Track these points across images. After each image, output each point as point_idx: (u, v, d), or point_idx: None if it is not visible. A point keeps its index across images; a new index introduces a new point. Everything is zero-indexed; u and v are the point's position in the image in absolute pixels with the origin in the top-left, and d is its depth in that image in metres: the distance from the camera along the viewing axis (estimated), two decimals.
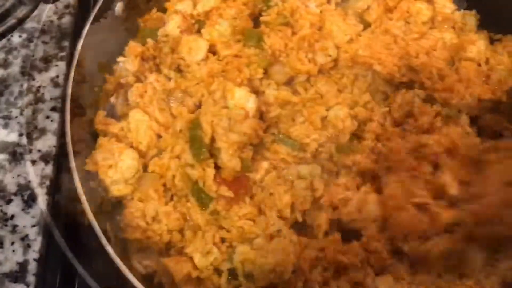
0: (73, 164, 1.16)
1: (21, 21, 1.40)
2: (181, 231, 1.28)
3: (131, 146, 1.31)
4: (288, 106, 1.36)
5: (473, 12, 1.52)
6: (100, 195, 1.27)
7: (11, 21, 1.39)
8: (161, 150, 1.32)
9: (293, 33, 1.44)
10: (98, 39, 1.36)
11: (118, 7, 1.40)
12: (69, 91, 1.24)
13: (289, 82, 1.42)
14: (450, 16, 1.49)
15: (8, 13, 1.41)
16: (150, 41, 1.46)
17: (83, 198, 1.13)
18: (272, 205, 1.24)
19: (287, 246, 1.17)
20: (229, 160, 1.23)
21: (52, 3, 1.36)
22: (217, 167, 1.28)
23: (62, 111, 1.45)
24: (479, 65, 1.43)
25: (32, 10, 1.44)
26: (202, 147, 1.25)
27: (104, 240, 1.10)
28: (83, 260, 1.36)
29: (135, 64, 1.40)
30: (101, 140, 1.30)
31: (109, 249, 1.10)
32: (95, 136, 1.35)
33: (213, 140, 1.26)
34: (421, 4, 1.46)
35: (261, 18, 1.50)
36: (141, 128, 1.31)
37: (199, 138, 1.25)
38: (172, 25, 1.45)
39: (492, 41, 1.48)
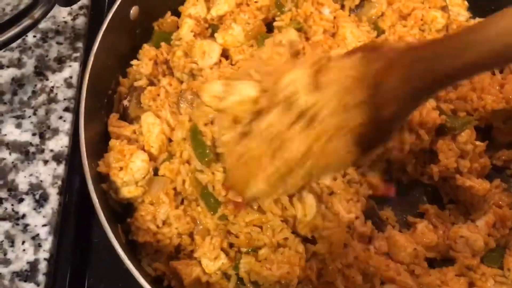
0: (86, 165, 1.16)
1: (36, 22, 1.41)
2: (190, 234, 1.28)
3: (143, 149, 1.31)
4: None
5: None
6: (111, 196, 1.27)
7: (26, 21, 1.39)
8: (172, 155, 1.33)
9: (307, 39, 1.43)
10: (113, 41, 1.36)
11: (133, 10, 1.40)
12: (84, 92, 1.24)
13: None
14: (464, 24, 1.49)
15: (23, 14, 1.41)
16: (164, 45, 1.47)
17: (95, 199, 1.13)
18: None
19: (293, 257, 1.17)
20: None
21: (66, 6, 1.36)
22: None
23: (75, 112, 1.46)
24: (494, 73, 1.42)
25: (47, 12, 1.44)
26: (206, 149, 1.26)
27: (115, 242, 1.10)
28: (94, 261, 1.40)
29: (148, 68, 1.41)
30: (113, 142, 1.31)
31: (120, 251, 1.10)
32: (108, 138, 1.35)
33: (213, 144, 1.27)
34: (435, 11, 1.45)
35: (275, 23, 1.50)
36: (153, 132, 1.32)
37: (201, 142, 1.26)
38: (186, 29, 1.45)
39: None
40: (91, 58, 1.27)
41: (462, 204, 1.38)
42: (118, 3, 1.34)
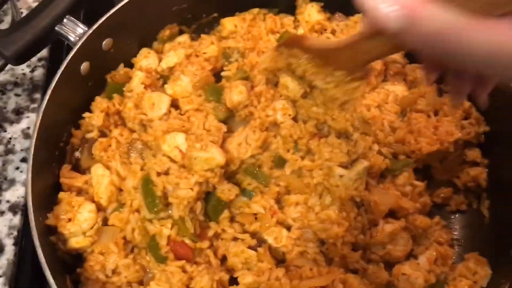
0: (32, 220, 1.20)
1: None
2: (140, 282, 1.32)
3: (92, 201, 1.35)
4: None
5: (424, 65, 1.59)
6: (60, 248, 1.31)
7: None
8: (122, 204, 1.37)
9: (252, 87, 1.50)
10: (64, 95, 1.40)
11: (84, 66, 1.45)
12: (33, 146, 1.28)
13: None
14: (401, 70, 1.57)
15: None
16: (116, 96, 1.52)
17: (41, 253, 1.16)
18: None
19: None
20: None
21: (17, 65, 1.41)
22: None
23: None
24: (429, 116, 1.50)
25: (4, 66, 1.50)
26: (156, 199, 1.30)
27: None
28: None
29: (100, 119, 1.46)
30: (62, 194, 1.35)
31: None
32: (59, 189, 1.39)
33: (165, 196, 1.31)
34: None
35: (222, 73, 1.56)
36: (102, 183, 1.36)
37: (152, 192, 1.30)
38: (136, 81, 1.51)
39: (441, 93, 1.55)
40: (41, 112, 1.31)
41: None
42: (68, 59, 1.39)
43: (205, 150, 1.29)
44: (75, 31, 1.42)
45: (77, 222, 1.29)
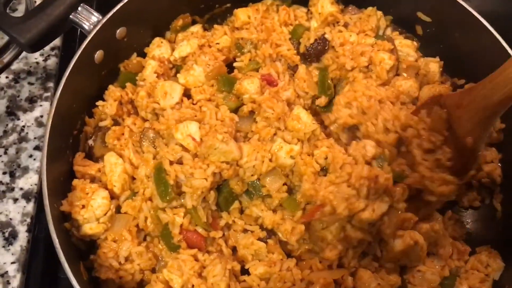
0: (47, 206, 1.21)
1: (6, 66, 1.47)
2: (153, 270, 1.33)
3: (106, 188, 1.36)
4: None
5: (437, 59, 1.59)
6: (74, 234, 1.32)
7: None
8: (135, 192, 1.38)
9: (262, 77, 1.50)
10: (78, 83, 1.41)
11: (98, 54, 1.45)
12: (47, 134, 1.29)
13: None
14: (414, 64, 1.56)
15: None
16: (129, 85, 1.52)
17: (56, 240, 1.17)
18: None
19: None
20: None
21: (33, 52, 1.42)
22: None
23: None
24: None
25: (17, 56, 1.51)
26: (168, 188, 1.30)
27: (74, 281, 1.14)
28: None
29: (113, 108, 1.46)
30: (76, 181, 1.36)
31: None
32: (73, 177, 1.40)
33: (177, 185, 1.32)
34: (383, 54, 1.51)
35: (235, 64, 1.56)
36: (115, 171, 1.37)
37: (164, 180, 1.31)
38: (149, 70, 1.51)
39: (455, 87, 1.55)
40: (55, 101, 1.32)
41: None
42: (82, 47, 1.39)
43: (226, 143, 1.30)
44: (89, 19, 1.42)
45: (90, 208, 1.30)
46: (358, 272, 1.32)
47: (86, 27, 1.42)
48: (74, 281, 1.14)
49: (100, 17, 1.43)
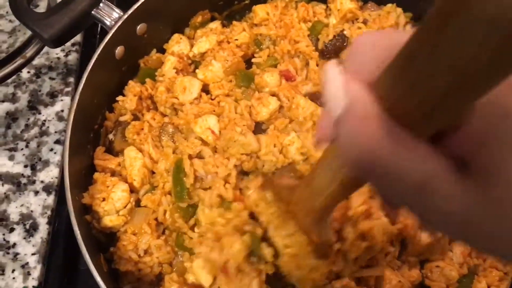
0: (69, 199, 1.23)
1: (28, 61, 1.50)
2: (171, 263, 1.34)
3: (126, 182, 1.38)
4: None
5: None
6: (94, 226, 1.34)
7: (19, 60, 1.48)
8: (154, 186, 1.39)
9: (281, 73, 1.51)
10: (99, 79, 1.43)
11: (119, 50, 1.47)
12: (70, 128, 1.31)
13: None
14: None
15: (17, 52, 1.50)
16: (148, 81, 1.54)
17: (77, 231, 1.19)
18: None
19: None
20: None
21: (55, 47, 1.44)
22: None
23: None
24: None
25: (39, 50, 1.53)
26: (184, 191, 1.32)
27: (94, 272, 1.16)
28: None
29: (133, 103, 1.48)
30: (97, 175, 1.38)
31: (99, 280, 1.16)
32: (94, 171, 1.42)
33: (196, 180, 1.33)
34: None
35: (253, 60, 1.57)
36: (135, 165, 1.39)
37: (181, 182, 1.32)
38: (168, 66, 1.53)
39: None
40: (77, 96, 1.34)
41: None
42: (104, 43, 1.41)
43: (244, 135, 1.31)
44: (111, 15, 1.44)
45: (111, 201, 1.32)
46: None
47: (108, 23, 1.44)
48: (95, 272, 1.16)
49: (121, 13, 1.44)
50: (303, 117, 1.40)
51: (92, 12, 1.44)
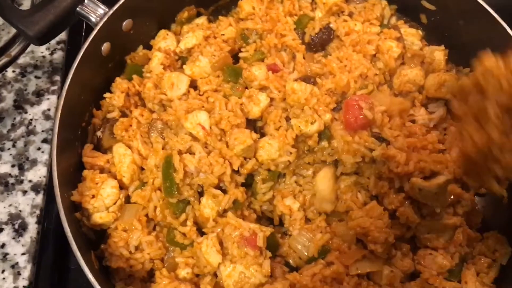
0: (58, 196, 1.22)
1: (13, 60, 1.48)
2: (162, 259, 1.34)
3: (115, 178, 1.37)
4: None
5: (442, 47, 1.59)
6: (84, 224, 1.33)
7: (3, 59, 1.47)
8: (144, 182, 1.39)
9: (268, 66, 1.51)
10: (86, 76, 1.42)
11: (105, 47, 1.46)
12: (57, 126, 1.30)
13: None
14: (419, 53, 1.57)
15: (1, 51, 1.48)
16: (136, 77, 1.53)
17: (67, 229, 1.19)
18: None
19: None
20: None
21: (41, 45, 1.43)
22: None
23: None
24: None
25: (24, 49, 1.52)
26: (173, 187, 1.32)
27: (86, 269, 1.15)
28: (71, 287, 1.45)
29: (120, 100, 1.47)
30: (86, 172, 1.37)
31: (91, 277, 1.16)
32: (82, 168, 1.41)
33: (185, 175, 1.33)
34: (391, 42, 1.53)
35: (240, 54, 1.57)
36: (124, 162, 1.38)
37: (171, 177, 1.32)
38: (155, 62, 1.52)
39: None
40: (64, 94, 1.33)
41: None
42: (89, 40, 1.40)
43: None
44: (96, 11, 1.43)
45: (100, 197, 1.31)
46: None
47: (93, 19, 1.43)
48: (86, 270, 1.16)
49: (107, 10, 1.43)
50: (303, 99, 1.41)
51: (77, 8, 1.43)
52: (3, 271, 1.38)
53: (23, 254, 1.41)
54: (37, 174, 1.53)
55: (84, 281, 1.23)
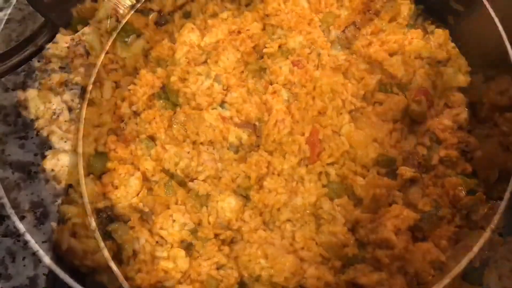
0: (83, 184, 1.23)
1: (40, 49, 1.50)
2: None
3: (138, 170, 1.38)
4: None
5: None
6: (107, 214, 1.34)
7: (30, 48, 1.48)
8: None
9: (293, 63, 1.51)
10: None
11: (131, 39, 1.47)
12: (83, 116, 1.31)
13: None
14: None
15: (28, 40, 1.50)
16: (160, 70, 1.53)
17: (91, 218, 1.19)
18: None
19: None
20: None
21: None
22: None
23: (75, 134, 1.54)
24: None
25: (51, 38, 1.53)
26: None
27: (106, 253, 1.16)
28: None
29: (145, 92, 1.48)
30: (110, 164, 1.37)
31: (112, 265, 1.16)
32: (106, 159, 1.42)
33: None
34: (418, 42, 1.53)
35: (264, 50, 1.56)
36: (147, 154, 1.38)
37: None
38: (180, 55, 1.52)
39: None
40: (90, 84, 1.34)
41: None
42: None
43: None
44: None
45: (123, 188, 1.32)
46: None
47: None
48: (106, 253, 1.16)
49: None
50: (330, 88, 1.43)
51: None
52: (23, 258, 1.39)
53: (44, 242, 1.42)
54: (59, 163, 1.53)
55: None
